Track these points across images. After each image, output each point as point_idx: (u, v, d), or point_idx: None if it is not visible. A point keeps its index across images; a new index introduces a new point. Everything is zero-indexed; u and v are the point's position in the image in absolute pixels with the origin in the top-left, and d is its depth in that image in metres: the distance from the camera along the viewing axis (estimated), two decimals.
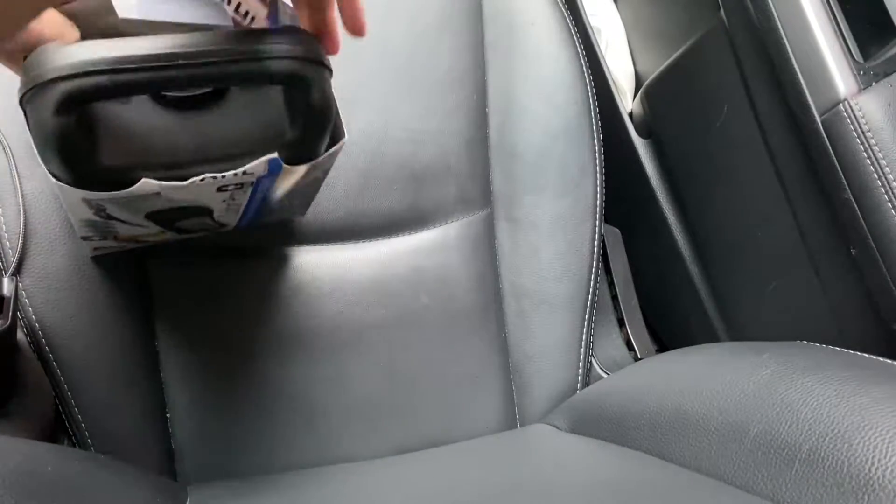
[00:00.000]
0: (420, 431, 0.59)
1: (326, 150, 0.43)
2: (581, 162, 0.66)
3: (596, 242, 0.65)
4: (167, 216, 0.45)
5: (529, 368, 0.63)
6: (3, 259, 0.52)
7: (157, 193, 0.40)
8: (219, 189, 0.42)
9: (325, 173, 0.48)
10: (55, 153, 0.36)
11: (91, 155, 0.38)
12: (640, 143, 0.78)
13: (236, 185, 0.42)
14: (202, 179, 0.39)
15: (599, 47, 0.82)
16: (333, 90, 0.42)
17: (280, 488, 0.50)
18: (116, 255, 0.54)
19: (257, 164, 0.40)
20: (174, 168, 0.40)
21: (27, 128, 0.37)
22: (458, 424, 0.60)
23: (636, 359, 0.72)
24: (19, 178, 0.53)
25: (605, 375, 0.66)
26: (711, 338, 0.73)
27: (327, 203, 0.60)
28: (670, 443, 0.45)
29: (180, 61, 0.35)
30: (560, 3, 0.70)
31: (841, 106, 0.52)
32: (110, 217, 0.43)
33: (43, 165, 0.37)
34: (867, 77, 0.52)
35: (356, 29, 0.40)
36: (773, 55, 0.56)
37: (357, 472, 0.52)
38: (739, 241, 0.68)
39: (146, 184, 0.38)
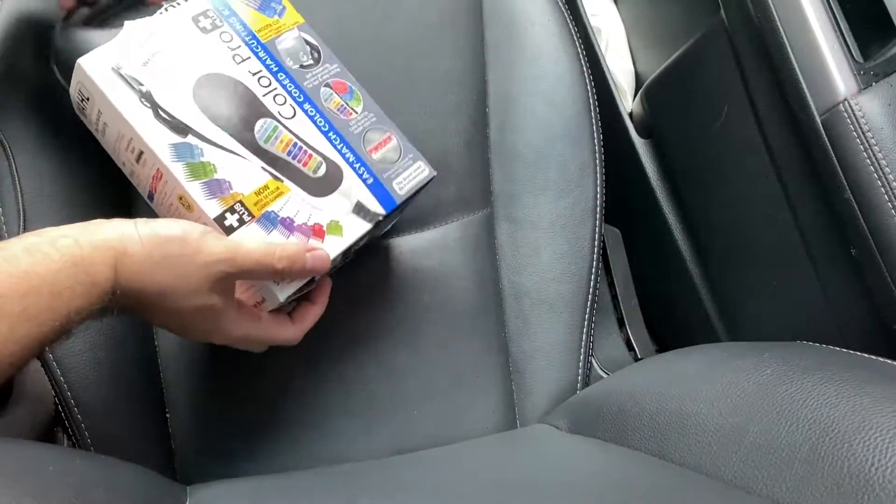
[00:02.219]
0: (420, 431, 0.59)
1: None
2: (581, 162, 0.66)
3: (596, 242, 0.65)
4: None
5: (529, 368, 0.63)
6: None
7: None
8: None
9: None
10: None
11: None
12: (640, 143, 0.78)
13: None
14: None
15: (599, 47, 0.82)
16: None
17: (280, 488, 0.50)
18: None
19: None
20: None
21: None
22: (458, 424, 0.60)
23: (636, 359, 0.72)
24: (19, 178, 0.53)
25: (605, 375, 0.66)
26: (711, 338, 0.73)
27: None
28: (670, 443, 0.45)
29: None
30: (560, 3, 0.70)
31: (841, 106, 0.52)
32: None
33: None
34: (867, 77, 0.52)
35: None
36: (773, 55, 0.56)
37: (356, 471, 0.52)
38: (739, 241, 0.68)
39: None
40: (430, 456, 0.55)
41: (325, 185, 0.52)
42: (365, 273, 0.61)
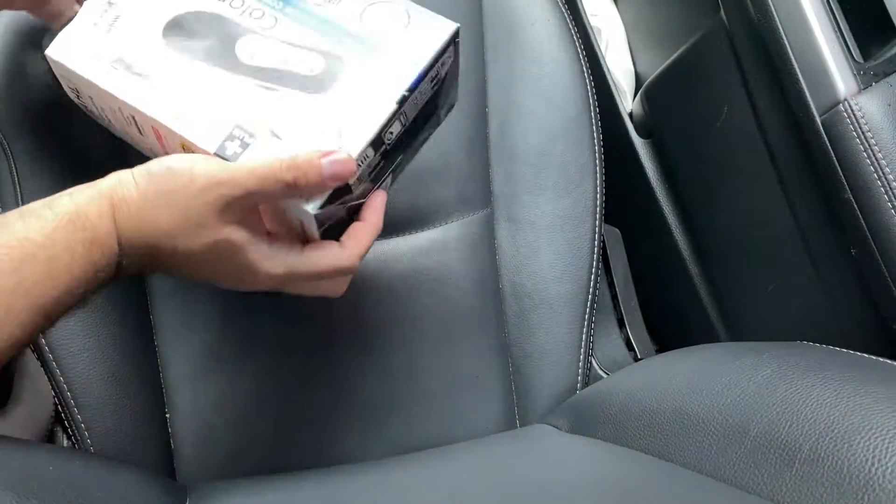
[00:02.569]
0: (420, 432, 0.59)
1: None
2: (581, 162, 0.66)
3: (596, 242, 0.65)
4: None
5: (529, 368, 0.63)
6: None
7: None
8: None
9: None
10: None
11: None
12: (640, 143, 0.78)
13: None
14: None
15: (599, 47, 0.82)
16: None
17: (280, 488, 0.50)
18: None
19: None
20: None
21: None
22: (458, 424, 0.60)
23: (636, 359, 0.72)
24: (19, 178, 0.54)
25: (605, 375, 0.66)
26: (711, 338, 0.73)
27: None
28: (670, 443, 0.45)
29: None
30: (560, 3, 0.70)
31: (841, 106, 0.52)
32: None
33: None
34: (867, 77, 0.52)
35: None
36: (773, 55, 0.56)
37: (356, 472, 0.52)
38: (739, 241, 0.68)
39: None
40: (429, 456, 0.55)
41: (327, 80, 0.46)
42: (364, 273, 0.61)
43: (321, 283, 0.45)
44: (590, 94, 0.68)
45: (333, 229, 0.45)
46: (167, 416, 0.57)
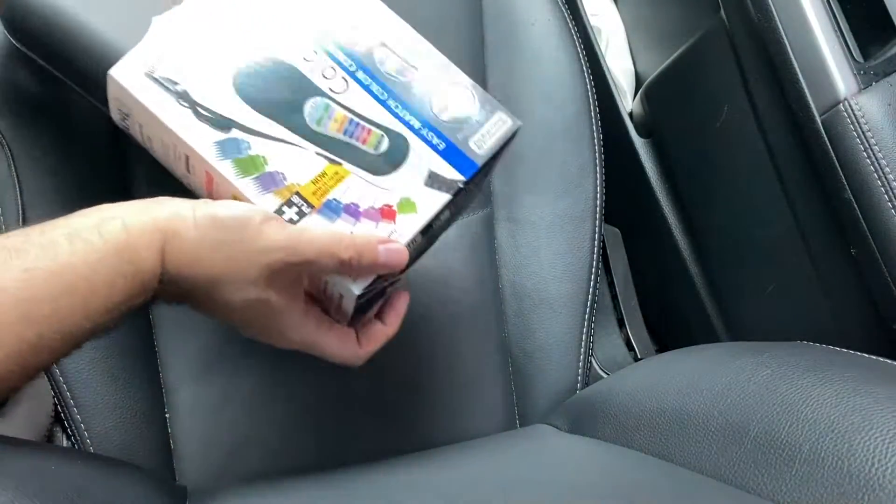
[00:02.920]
0: (420, 432, 0.59)
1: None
2: (581, 162, 0.66)
3: (596, 242, 0.65)
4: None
5: (529, 368, 0.63)
6: None
7: None
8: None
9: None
10: None
11: None
12: (640, 143, 0.78)
13: None
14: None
15: (599, 47, 0.82)
16: None
17: (279, 489, 0.50)
18: None
19: None
20: None
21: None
22: (458, 425, 0.60)
23: (636, 359, 0.72)
24: (19, 178, 0.53)
25: (605, 375, 0.66)
26: (711, 338, 0.73)
27: None
28: (670, 443, 0.45)
29: None
30: (560, 3, 0.70)
31: (841, 105, 0.52)
32: None
33: None
34: (867, 77, 0.52)
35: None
36: (774, 55, 0.56)
37: (356, 472, 0.52)
38: (739, 241, 0.68)
39: None
40: (430, 457, 0.55)
41: (389, 160, 0.46)
42: None
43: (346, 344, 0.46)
44: (590, 93, 0.68)
45: (363, 306, 0.46)
46: (167, 416, 0.57)
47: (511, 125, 0.48)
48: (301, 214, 0.44)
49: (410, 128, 0.47)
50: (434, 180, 0.46)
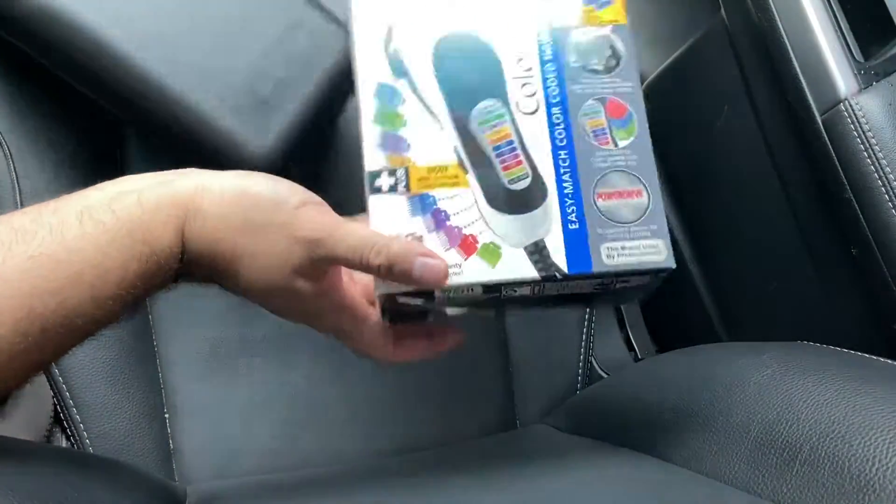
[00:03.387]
0: (419, 432, 0.59)
1: None
2: None
3: None
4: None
5: (529, 369, 0.63)
6: None
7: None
8: None
9: None
10: None
11: None
12: None
13: None
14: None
15: None
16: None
17: (279, 489, 0.50)
18: None
19: None
20: None
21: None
22: (458, 425, 0.60)
23: (636, 359, 0.72)
24: (18, 178, 0.53)
25: (605, 375, 0.66)
26: (711, 338, 0.73)
27: None
28: (670, 443, 0.45)
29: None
30: None
31: (841, 105, 0.52)
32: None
33: None
34: (868, 76, 0.52)
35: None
36: (774, 55, 0.56)
37: (355, 472, 0.52)
38: (739, 240, 0.68)
39: None
40: (429, 457, 0.55)
41: (514, 201, 0.42)
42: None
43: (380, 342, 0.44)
44: None
45: (398, 317, 0.43)
46: (167, 416, 0.57)
47: (662, 260, 0.42)
48: (392, 189, 0.41)
49: (560, 188, 0.43)
50: (537, 251, 0.41)
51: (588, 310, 0.64)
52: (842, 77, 0.52)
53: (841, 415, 0.37)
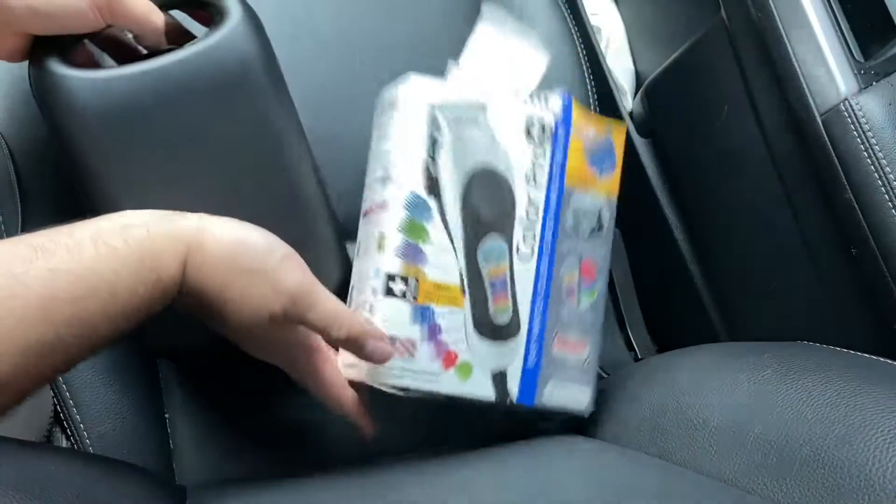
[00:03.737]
0: (419, 432, 0.59)
1: None
2: None
3: None
4: None
5: None
6: None
7: None
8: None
9: None
10: None
11: None
12: (640, 143, 0.78)
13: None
14: None
15: (599, 47, 0.82)
16: (332, 90, 0.45)
17: (279, 489, 0.50)
18: None
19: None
20: None
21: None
22: (458, 425, 0.60)
23: (636, 359, 0.72)
24: (18, 178, 0.53)
25: (605, 375, 0.66)
26: (711, 338, 0.73)
27: None
28: (670, 443, 0.45)
29: None
30: (560, 3, 0.70)
31: (841, 105, 0.52)
32: None
33: None
34: (868, 76, 0.52)
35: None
36: (774, 55, 0.56)
37: (357, 473, 0.52)
38: (739, 240, 0.68)
39: None
40: (429, 457, 0.55)
41: (495, 331, 0.49)
42: None
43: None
44: (590, 93, 0.67)
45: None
46: (167, 416, 0.57)
47: (583, 408, 0.51)
48: (402, 295, 0.46)
49: (531, 329, 0.49)
50: (499, 378, 0.49)
51: None
52: (842, 77, 0.52)
53: (841, 415, 0.37)
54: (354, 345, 0.44)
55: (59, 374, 0.37)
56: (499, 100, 0.49)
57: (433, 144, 0.47)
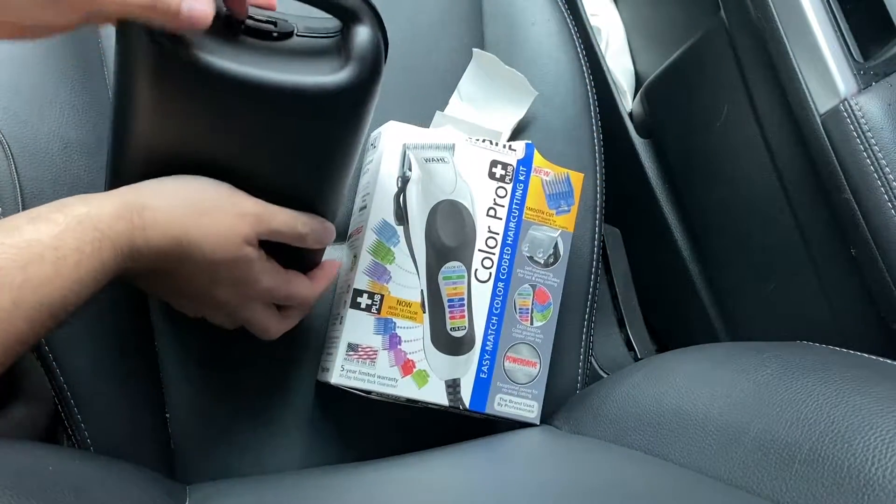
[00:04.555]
0: (419, 432, 0.59)
1: None
2: (581, 162, 0.66)
3: (596, 242, 0.65)
4: None
5: None
6: None
7: None
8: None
9: None
10: None
11: None
12: (640, 143, 0.78)
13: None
14: None
15: (599, 47, 0.82)
16: None
17: (280, 488, 0.50)
18: None
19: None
20: None
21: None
22: (458, 425, 0.60)
23: (636, 359, 0.72)
24: (19, 178, 0.53)
25: (605, 375, 0.66)
26: (711, 338, 0.73)
27: None
28: (670, 443, 0.45)
29: None
30: (560, 3, 0.70)
31: (841, 105, 0.52)
32: None
33: None
34: (867, 77, 0.52)
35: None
36: (774, 55, 0.56)
37: (357, 472, 0.52)
38: (739, 241, 0.68)
39: None
40: (429, 457, 0.55)
41: (450, 344, 0.54)
42: None
43: (275, 317, 0.51)
44: (590, 93, 0.68)
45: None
46: (167, 415, 0.57)
47: (530, 419, 0.56)
48: (367, 309, 0.53)
49: (484, 345, 0.55)
50: (452, 386, 0.54)
51: (587, 310, 0.64)
52: (841, 77, 0.52)
53: (841, 415, 0.37)
54: (316, 236, 0.48)
55: (27, 344, 0.38)
56: (466, 142, 0.56)
57: (404, 179, 0.54)
